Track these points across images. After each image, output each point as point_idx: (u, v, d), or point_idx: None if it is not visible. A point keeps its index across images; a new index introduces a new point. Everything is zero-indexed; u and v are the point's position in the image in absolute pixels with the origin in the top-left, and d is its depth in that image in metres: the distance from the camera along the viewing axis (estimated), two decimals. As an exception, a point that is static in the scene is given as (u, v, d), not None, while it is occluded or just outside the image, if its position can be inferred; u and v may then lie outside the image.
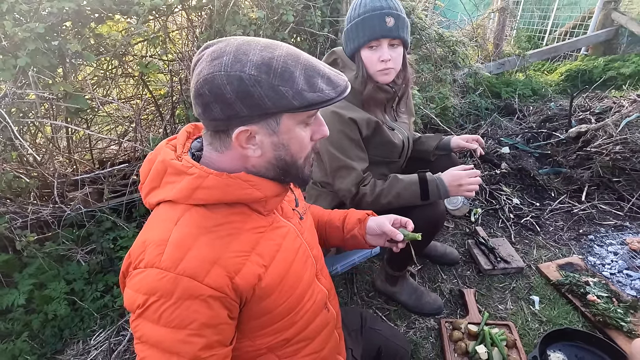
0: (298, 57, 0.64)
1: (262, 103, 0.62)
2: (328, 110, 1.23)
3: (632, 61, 3.91)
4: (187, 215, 0.68)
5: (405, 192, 1.29)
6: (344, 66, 1.31)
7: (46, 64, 1.66)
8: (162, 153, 0.72)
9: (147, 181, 0.74)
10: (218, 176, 0.68)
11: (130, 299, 0.65)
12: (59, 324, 1.65)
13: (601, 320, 1.47)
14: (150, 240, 0.66)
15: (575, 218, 2.11)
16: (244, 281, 0.68)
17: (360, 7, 1.19)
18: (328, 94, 0.64)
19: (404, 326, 1.57)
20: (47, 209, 1.91)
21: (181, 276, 0.62)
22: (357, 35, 1.21)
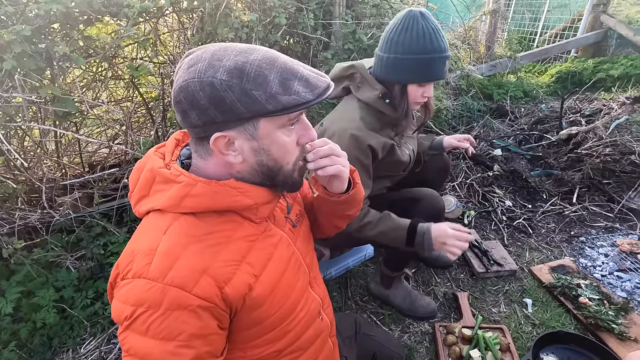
0: (274, 61, 0.63)
1: (235, 108, 0.61)
2: (348, 134, 1.19)
3: (621, 63, 3.96)
4: (176, 224, 0.67)
5: (391, 234, 1.26)
6: (362, 82, 1.26)
7: (33, 67, 1.62)
8: (151, 161, 0.71)
9: (136, 189, 0.73)
10: (206, 184, 0.67)
11: (118, 310, 0.63)
12: (47, 333, 1.62)
13: (593, 323, 1.48)
14: (138, 249, 0.65)
15: (566, 220, 2.13)
16: (234, 291, 0.67)
17: (420, 42, 1.09)
18: (304, 96, 0.63)
19: (399, 330, 1.57)
20: (35, 215, 1.87)
21: (169, 286, 0.61)
22: (415, 72, 1.15)
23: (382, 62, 1.18)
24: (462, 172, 2.50)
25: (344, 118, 1.25)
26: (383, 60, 1.17)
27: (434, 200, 1.40)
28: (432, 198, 1.40)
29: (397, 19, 1.14)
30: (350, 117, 1.24)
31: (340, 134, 1.20)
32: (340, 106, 1.34)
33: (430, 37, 1.09)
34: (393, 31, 1.14)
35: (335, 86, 1.27)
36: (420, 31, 1.09)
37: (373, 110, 1.25)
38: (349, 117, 1.24)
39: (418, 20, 1.09)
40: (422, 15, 1.10)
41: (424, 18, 1.10)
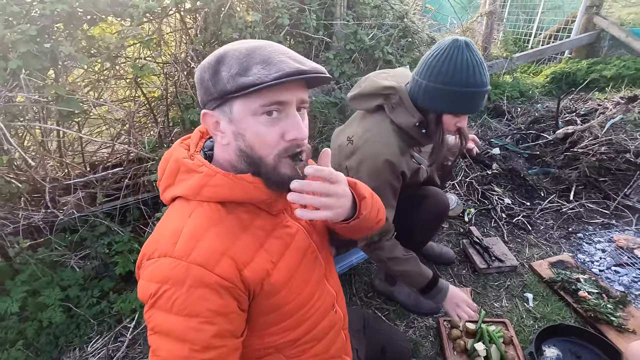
0: (259, 49, 0.65)
1: (208, 87, 0.67)
2: (382, 159, 1.18)
3: (614, 64, 4.04)
4: (200, 209, 0.71)
5: (413, 277, 1.33)
6: (398, 105, 1.21)
7: (38, 66, 1.62)
8: (176, 152, 0.75)
9: (163, 178, 0.77)
10: (225, 176, 0.70)
11: (143, 289, 0.66)
12: (54, 332, 1.62)
13: (592, 316, 1.52)
14: (165, 232, 0.69)
15: (564, 217, 2.18)
16: (253, 274, 0.70)
17: (464, 75, 1.06)
18: (259, 77, 0.62)
19: (403, 325, 1.59)
20: (38, 214, 1.87)
21: (193, 265, 0.64)
22: (454, 104, 1.13)
23: (421, 88, 1.14)
24: (461, 170, 2.54)
25: (378, 142, 1.21)
26: (422, 87, 1.14)
27: (440, 198, 1.43)
28: (438, 196, 1.43)
29: (440, 46, 1.10)
30: (385, 141, 1.21)
31: (374, 159, 1.19)
32: (371, 124, 1.26)
33: (473, 69, 1.06)
34: (436, 58, 1.09)
35: (365, 101, 1.25)
36: (464, 63, 1.05)
37: (406, 135, 1.23)
38: (384, 142, 1.21)
39: (463, 51, 1.05)
40: (467, 46, 1.06)
41: (469, 49, 1.06)
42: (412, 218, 1.33)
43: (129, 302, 1.73)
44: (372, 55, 2.31)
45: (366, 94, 1.25)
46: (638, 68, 3.90)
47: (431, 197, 1.42)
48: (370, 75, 1.32)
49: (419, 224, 1.38)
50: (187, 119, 1.95)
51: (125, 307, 1.71)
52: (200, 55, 1.97)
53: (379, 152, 1.19)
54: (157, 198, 2.22)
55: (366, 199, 0.78)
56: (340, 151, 1.30)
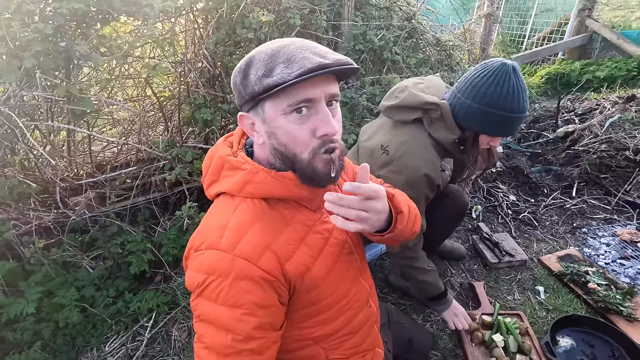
0: (285, 47, 0.66)
1: (240, 90, 0.70)
2: (422, 173, 1.21)
3: (606, 65, 4.16)
4: (244, 205, 0.73)
5: (430, 288, 1.42)
6: (438, 120, 1.22)
7: (52, 65, 1.62)
8: (220, 149, 0.78)
9: (207, 175, 0.80)
10: (267, 173, 0.73)
11: (191, 279, 0.69)
12: (70, 332, 1.60)
13: (602, 306, 1.57)
14: (211, 225, 0.72)
15: (568, 213, 2.24)
16: (294, 269, 0.72)
17: (508, 100, 1.08)
18: (282, 77, 0.63)
19: (420, 319, 1.62)
20: (50, 215, 1.85)
21: (238, 257, 0.66)
22: (495, 127, 1.15)
23: (464, 107, 1.15)
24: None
25: (417, 155, 1.22)
26: (465, 106, 1.15)
27: (460, 196, 1.47)
28: (458, 194, 1.47)
29: (488, 68, 1.11)
30: (424, 156, 1.23)
31: (413, 172, 1.21)
32: (408, 136, 1.26)
33: (518, 96, 1.08)
34: (482, 80, 1.10)
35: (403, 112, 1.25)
36: (510, 89, 1.08)
37: (442, 149, 1.25)
38: (423, 156, 1.22)
39: (510, 76, 1.08)
40: (515, 71, 1.09)
41: (516, 75, 1.08)
42: (433, 216, 1.36)
43: (145, 301, 1.73)
44: (381, 56, 2.35)
45: (405, 106, 1.25)
46: (629, 69, 4.03)
47: (451, 196, 1.45)
48: (408, 85, 1.30)
49: (439, 222, 1.42)
50: (201, 119, 1.96)
51: (142, 307, 1.70)
52: (214, 55, 1.98)
53: (419, 166, 1.21)
54: (168, 198, 2.21)
55: (403, 213, 0.76)
56: (372, 157, 1.30)
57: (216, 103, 2.07)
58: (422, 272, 1.39)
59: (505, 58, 3.69)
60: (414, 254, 1.37)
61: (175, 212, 1.90)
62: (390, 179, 1.25)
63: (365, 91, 2.19)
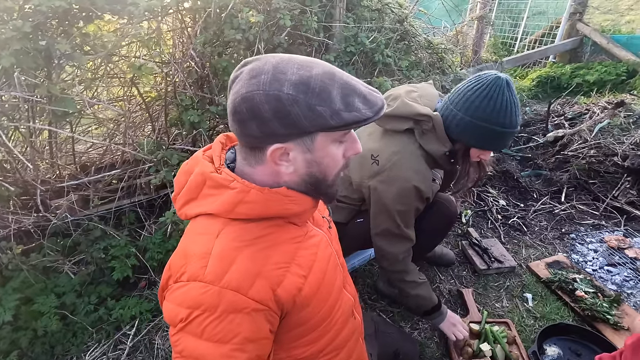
0: (334, 75, 0.64)
1: (299, 122, 0.62)
2: (411, 185, 1.20)
3: (596, 69, 4.20)
4: (228, 229, 0.68)
5: (423, 301, 1.39)
6: (430, 132, 1.20)
7: (32, 64, 1.56)
8: (200, 165, 0.72)
9: (183, 192, 0.73)
10: (260, 191, 0.68)
11: (172, 312, 0.64)
12: (49, 341, 1.56)
13: (589, 315, 1.57)
14: (191, 253, 0.66)
15: (557, 218, 2.25)
16: (286, 293, 0.68)
17: (501, 115, 1.07)
18: (364, 113, 0.63)
19: (408, 327, 1.61)
20: (30, 218, 1.80)
21: (226, 289, 0.62)
22: (486, 141, 1.14)
23: (456, 119, 1.14)
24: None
25: (408, 167, 1.21)
26: (457, 118, 1.13)
27: (449, 204, 1.45)
28: (448, 204, 1.45)
29: (481, 81, 1.09)
30: (414, 167, 1.21)
31: (403, 184, 1.20)
32: (398, 146, 1.24)
33: (510, 111, 1.07)
34: (475, 94, 1.09)
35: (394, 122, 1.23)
36: (503, 104, 1.07)
37: (432, 160, 1.24)
38: (413, 168, 1.21)
39: (504, 91, 1.06)
40: (508, 85, 1.07)
41: (509, 89, 1.07)
42: (421, 225, 1.34)
43: (128, 308, 1.69)
44: (372, 58, 2.32)
45: (397, 116, 1.22)
46: (618, 73, 4.07)
47: (440, 205, 1.43)
48: (401, 94, 1.27)
49: (427, 231, 1.40)
50: (187, 120, 1.92)
51: (125, 314, 1.66)
52: (202, 55, 1.94)
53: (409, 178, 1.19)
54: (154, 201, 2.16)
55: None
56: (362, 165, 1.28)
57: (204, 104, 2.02)
58: (414, 285, 1.37)
59: (498, 60, 3.70)
60: (404, 268, 1.35)
61: (161, 215, 1.86)
62: (379, 189, 1.23)
63: (356, 94, 2.16)
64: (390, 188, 1.21)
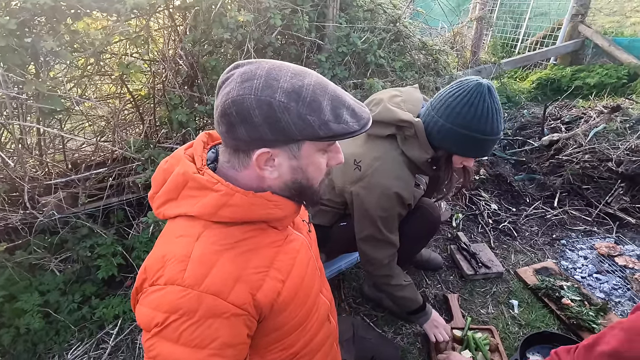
0: (326, 87, 0.65)
1: (288, 129, 0.62)
2: (393, 192, 1.19)
3: (597, 72, 4.15)
4: (208, 232, 0.67)
5: (409, 302, 1.41)
6: (412, 138, 1.19)
7: (18, 62, 1.56)
8: (182, 164, 0.70)
9: (162, 192, 0.72)
10: (245, 195, 0.67)
11: (147, 316, 0.63)
12: (32, 339, 1.56)
13: (575, 323, 1.55)
14: (170, 255, 0.65)
15: (548, 223, 2.22)
16: (265, 297, 0.68)
17: (482, 122, 1.06)
18: (352, 126, 0.65)
19: (392, 332, 1.60)
20: (16, 215, 1.80)
21: (205, 294, 0.61)
22: (468, 148, 1.13)
23: (437, 126, 1.12)
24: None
25: (389, 174, 1.20)
26: (438, 125, 1.12)
27: (432, 209, 1.44)
28: (431, 207, 1.44)
29: (463, 87, 1.08)
30: (396, 174, 1.20)
31: (384, 190, 1.19)
32: (380, 152, 1.23)
33: (492, 118, 1.06)
34: (456, 100, 1.07)
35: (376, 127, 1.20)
36: (485, 111, 1.05)
37: (415, 167, 1.23)
38: (394, 174, 1.20)
39: (485, 98, 1.05)
40: (490, 91, 1.06)
41: (491, 96, 1.06)
42: (403, 230, 1.33)
43: (111, 307, 1.69)
44: (364, 59, 2.30)
45: (379, 121, 1.20)
46: (619, 77, 4.02)
47: (423, 210, 1.42)
48: (383, 98, 1.25)
49: (410, 237, 1.39)
50: (175, 119, 1.91)
51: (108, 313, 1.66)
52: (190, 54, 1.92)
53: (390, 185, 1.18)
54: (143, 199, 2.16)
55: None
56: (344, 169, 1.27)
57: (193, 103, 2.01)
58: (399, 288, 1.38)
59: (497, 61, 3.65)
60: (389, 272, 1.35)
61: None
62: (361, 195, 1.22)
63: (347, 95, 2.14)
64: (372, 194, 1.20)
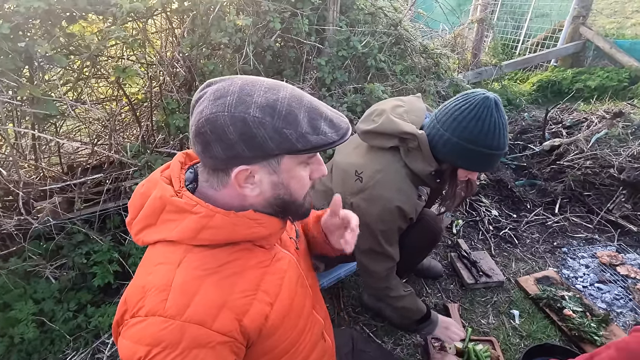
0: (301, 99, 0.64)
1: (264, 145, 0.61)
2: (394, 205, 1.17)
3: (598, 74, 4.13)
4: (190, 256, 0.65)
5: (411, 313, 1.40)
6: (415, 150, 1.16)
7: (11, 66, 1.52)
8: (159, 188, 0.68)
9: (140, 217, 0.69)
10: (226, 215, 0.65)
11: (129, 350, 0.60)
12: (26, 348, 1.53)
13: (577, 335, 1.54)
14: (150, 285, 0.62)
15: (549, 230, 2.20)
16: (252, 322, 0.66)
17: (489, 137, 1.05)
18: (331, 137, 0.64)
19: (391, 343, 1.58)
20: (11, 221, 1.77)
21: (188, 323, 0.59)
22: (474, 163, 1.11)
23: (442, 139, 1.10)
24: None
25: (391, 186, 1.18)
26: (443, 139, 1.10)
27: (434, 223, 1.42)
28: (432, 221, 1.42)
29: (469, 101, 1.06)
30: (398, 186, 1.18)
31: (385, 204, 1.17)
32: (382, 164, 1.20)
33: (499, 133, 1.05)
34: (463, 114, 1.06)
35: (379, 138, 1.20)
36: (492, 126, 1.04)
37: (418, 179, 1.21)
38: (396, 187, 1.18)
39: (492, 112, 1.03)
40: (497, 106, 1.05)
41: (498, 110, 1.04)
42: (404, 242, 1.31)
43: (107, 315, 1.66)
44: (365, 63, 2.27)
45: (382, 133, 1.18)
46: (620, 80, 4.00)
47: (425, 220, 1.39)
48: (386, 109, 1.22)
49: (411, 248, 1.37)
50: (173, 124, 1.88)
51: (104, 322, 1.64)
52: (188, 58, 1.89)
53: (391, 198, 1.16)
54: (139, 204, 2.14)
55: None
56: (345, 180, 1.25)
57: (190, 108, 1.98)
58: (399, 299, 1.37)
59: (498, 64, 3.62)
60: (387, 284, 1.33)
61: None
62: (362, 207, 1.20)
63: (346, 100, 2.11)
64: (373, 207, 1.18)
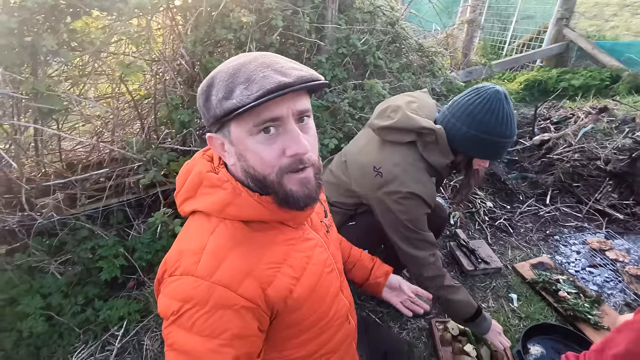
0: (244, 66, 0.63)
1: (204, 112, 0.67)
2: (415, 194, 1.21)
3: (581, 74, 4.30)
4: (222, 227, 0.70)
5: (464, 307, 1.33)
6: (432, 144, 1.22)
7: (17, 61, 1.53)
8: (199, 164, 0.75)
9: (182, 190, 0.76)
10: (250, 196, 0.69)
11: (165, 305, 0.66)
12: (35, 342, 1.53)
13: (572, 315, 1.62)
14: (186, 248, 0.68)
15: (542, 220, 2.30)
16: (276, 293, 0.69)
17: (502, 127, 1.12)
18: (241, 100, 0.61)
19: (397, 327, 1.63)
20: (14, 218, 1.76)
21: (216, 285, 0.64)
22: (489, 152, 1.18)
23: (460, 133, 1.17)
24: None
25: (411, 178, 1.22)
26: (461, 132, 1.17)
27: (440, 212, 1.48)
28: (438, 210, 1.48)
29: (482, 95, 1.14)
30: (418, 178, 1.23)
31: (408, 195, 1.22)
32: (400, 158, 1.25)
33: (510, 123, 1.13)
34: (477, 108, 1.13)
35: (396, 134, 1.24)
36: (504, 116, 1.12)
37: (435, 171, 1.27)
38: (416, 179, 1.23)
39: (503, 104, 1.12)
40: (506, 98, 1.13)
41: (507, 102, 1.13)
42: None
43: (115, 309, 1.67)
44: (364, 60, 2.33)
45: (400, 128, 1.24)
46: (602, 79, 4.18)
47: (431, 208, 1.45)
48: (401, 105, 1.28)
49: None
50: (177, 119, 1.90)
51: (112, 315, 1.64)
52: (192, 54, 1.92)
53: (413, 189, 1.21)
54: (143, 200, 2.14)
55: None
56: (364, 175, 1.29)
57: (194, 104, 2.01)
58: (453, 290, 1.32)
59: (487, 63, 3.73)
60: (438, 271, 1.31)
61: (150, 215, 1.84)
62: (386, 202, 1.24)
63: (347, 95, 2.17)
64: (397, 200, 1.23)
